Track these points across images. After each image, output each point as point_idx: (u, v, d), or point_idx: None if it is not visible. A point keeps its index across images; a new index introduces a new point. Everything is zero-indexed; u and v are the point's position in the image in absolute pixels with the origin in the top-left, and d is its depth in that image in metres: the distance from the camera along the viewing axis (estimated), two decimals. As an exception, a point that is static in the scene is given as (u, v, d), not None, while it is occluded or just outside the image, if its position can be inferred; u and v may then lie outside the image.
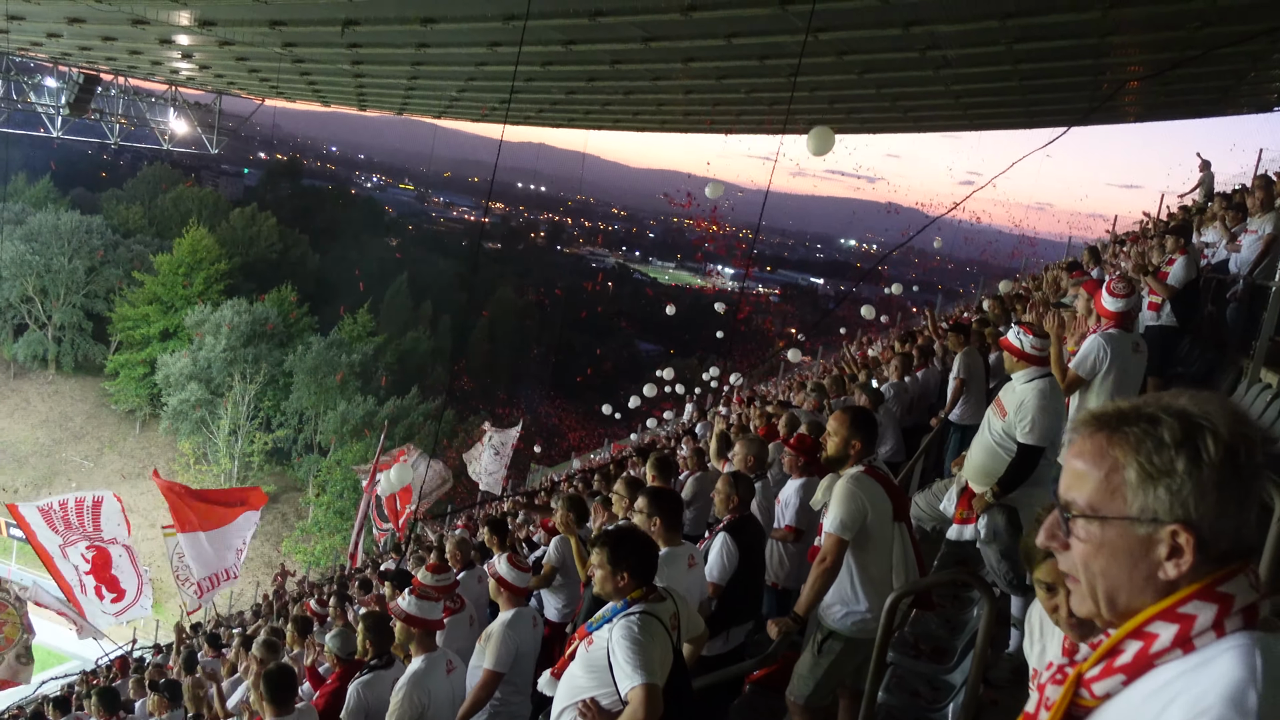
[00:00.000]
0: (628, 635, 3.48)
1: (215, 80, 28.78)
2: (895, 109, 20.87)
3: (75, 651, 34.27)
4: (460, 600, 6.55)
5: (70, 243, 59.65)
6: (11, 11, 17.21)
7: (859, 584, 4.45)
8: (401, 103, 28.42)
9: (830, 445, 4.55)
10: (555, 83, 19.93)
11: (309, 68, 21.55)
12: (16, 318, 59.86)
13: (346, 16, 14.81)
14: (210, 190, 77.38)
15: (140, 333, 58.99)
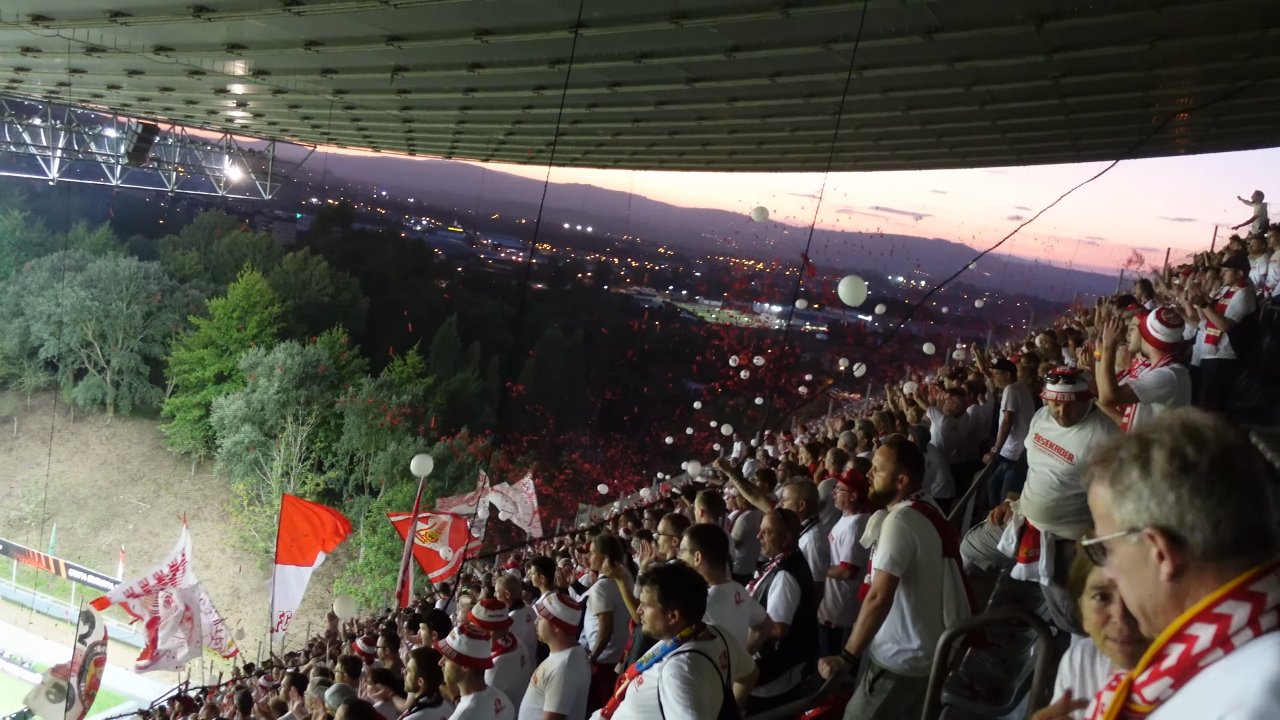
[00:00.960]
0: (678, 674, 3.46)
1: (269, 128, 29.40)
2: (941, 144, 20.82)
3: (130, 691, 34.68)
4: (512, 639, 6.54)
5: (128, 288, 61.00)
6: (74, 65, 17.72)
7: (910, 621, 4.39)
8: (450, 146, 28.82)
9: (877, 480, 4.51)
10: (601, 124, 20.12)
11: (359, 114, 21.93)
12: (77, 362, 61.16)
13: (396, 63, 15.08)
14: (264, 235, 78.83)
15: (195, 376, 60.02)
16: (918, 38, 11.13)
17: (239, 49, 14.77)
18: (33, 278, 62.08)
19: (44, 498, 53.22)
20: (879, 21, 10.17)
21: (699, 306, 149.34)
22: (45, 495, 52.86)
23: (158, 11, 12.69)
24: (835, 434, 15.42)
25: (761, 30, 11.57)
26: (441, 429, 56.72)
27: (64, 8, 13.15)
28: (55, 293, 59.63)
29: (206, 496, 57.48)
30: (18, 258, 65.56)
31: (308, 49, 13.97)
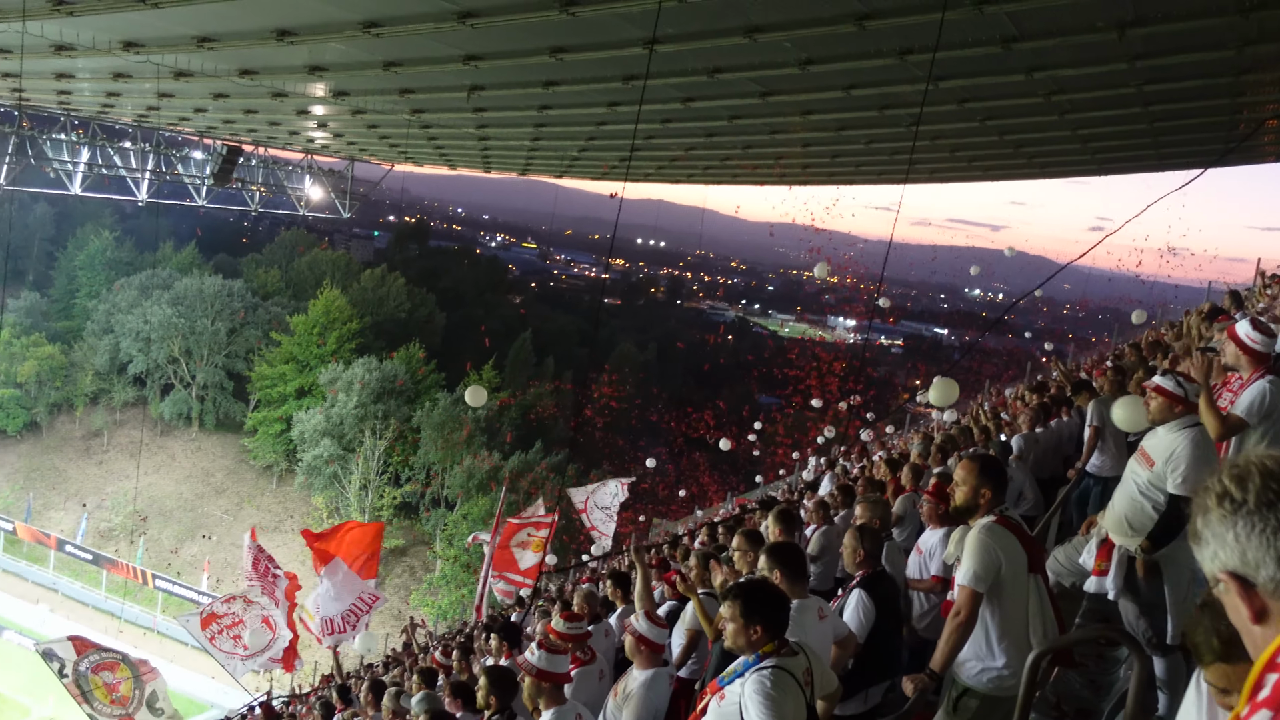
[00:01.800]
0: (760, 690, 3.44)
1: (348, 147, 29.99)
2: (1019, 155, 20.51)
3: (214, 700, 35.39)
4: (591, 652, 6.54)
5: (213, 306, 62.64)
6: (162, 89, 18.27)
7: (994, 639, 4.29)
8: (524, 163, 29.12)
9: (958, 495, 4.43)
10: (674, 139, 20.18)
11: (436, 132, 22.27)
12: (164, 378, 62.87)
13: (472, 82, 15.29)
14: (343, 253, 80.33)
15: (277, 391, 61.32)
16: (995, 47, 10.99)
17: (320, 71, 15.12)
18: (122, 296, 64.01)
19: (132, 509, 54.76)
20: (955, 32, 10.05)
21: (771, 320, 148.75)
22: (134, 507, 54.38)
23: (242, 36, 13.05)
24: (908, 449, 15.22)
25: (835, 43, 11.52)
26: (517, 443, 57.14)
27: (153, 34, 13.57)
28: (144, 310, 61.47)
29: (287, 509, 58.63)
30: (108, 277, 67.71)
31: (386, 70, 14.24)
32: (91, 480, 59.79)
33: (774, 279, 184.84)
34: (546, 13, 10.60)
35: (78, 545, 52.87)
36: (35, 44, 13.81)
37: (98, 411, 63.07)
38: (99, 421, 62.71)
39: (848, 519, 8.39)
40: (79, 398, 62.59)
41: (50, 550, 52.46)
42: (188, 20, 12.55)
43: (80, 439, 62.41)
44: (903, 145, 18.25)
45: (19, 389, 60.47)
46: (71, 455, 61.49)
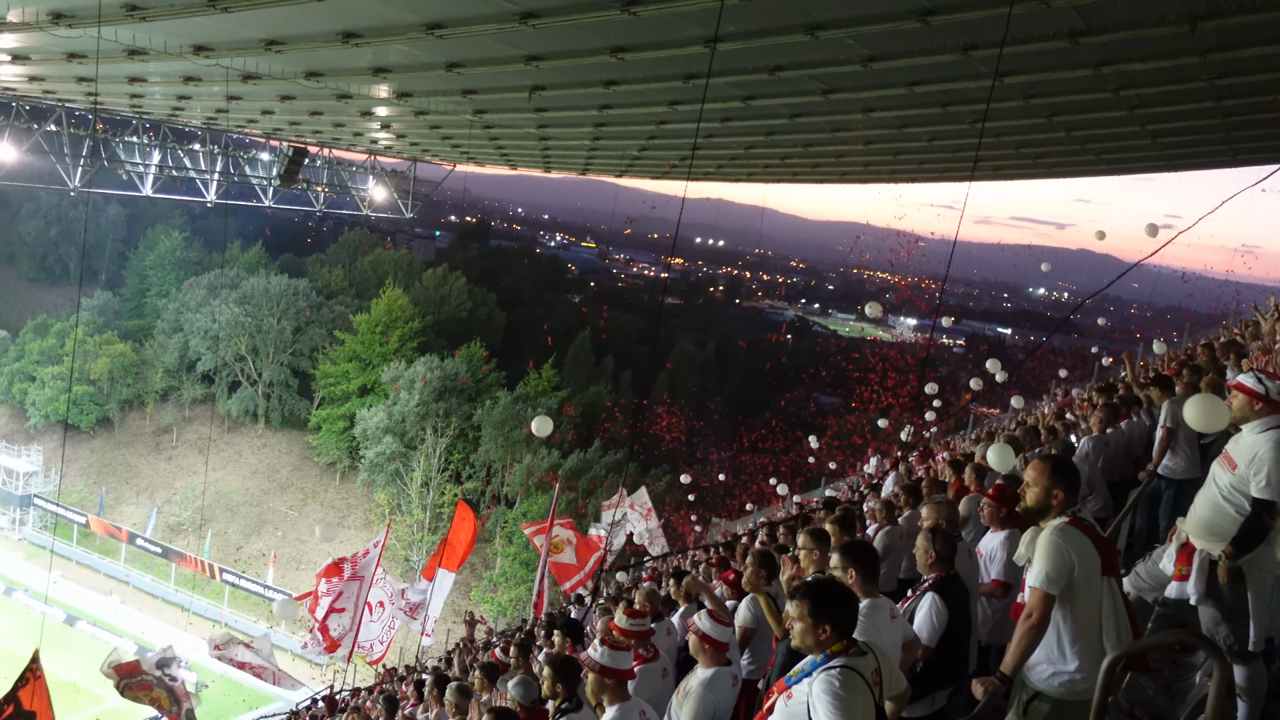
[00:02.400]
0: (829, 690, 3.41)
1: (410, 148, 30.31)
2: (1086, 151, 20.13)
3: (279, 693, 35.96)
4: (654, 649, 6.54)
5: (279, 305, 63.70)
6: (231, 92, 18.62)
7: (1067, 643, 4.21)
8: (584, 163, 29.20)
9: (1029, 496, 4.35)
10: (734, 138, 20.10)
11: (498, 133, 22.42)
12: (231, 375, 64.09)
13: (534, 82, 15.35)
14: (405, 253, 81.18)
15: (341, 389, 62.18)
16: (1063, 42, 10.80)
17: (384, 72, 15.29)
18: (192, 295, 65.36)
19: (200, 504, 55.91)
20: (1021, 26, 9.88)
21: (832, 320, 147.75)
22: (202, 502, 55.52)
23: (309, 39, 13.25)
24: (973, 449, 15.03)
25: (898, 39, 11.39)
26: (576, 442, 57.36)
27: (222, 38, 13.82)
28: (212, 309, 62.72)
29: (350, 505, 59.44)
30: (178, 276, 69.21)
31: (449, 71, 14.36)
32: (161, 475, 61.11)
33: (834, 278, 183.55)
34: (607, 12, 10.62)
35: (148, 539, 54.11)
36: (109, 49, 14.13)
37: (167, 408, 64.46)
38: (169, 418, 64.10)
39: (912, 519, 8.31)
40: (149, 395, 64.02)
41: (121, 543, 53.76)
42: (256, 23, 12.76)
43: (151, 435, 63.81)
44: (967, 142, 18.01)
45: (92, 386, 62.00)
46: (142, 451, 62.91)
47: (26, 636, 37.39)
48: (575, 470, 52.80)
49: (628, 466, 52.79)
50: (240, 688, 38.76)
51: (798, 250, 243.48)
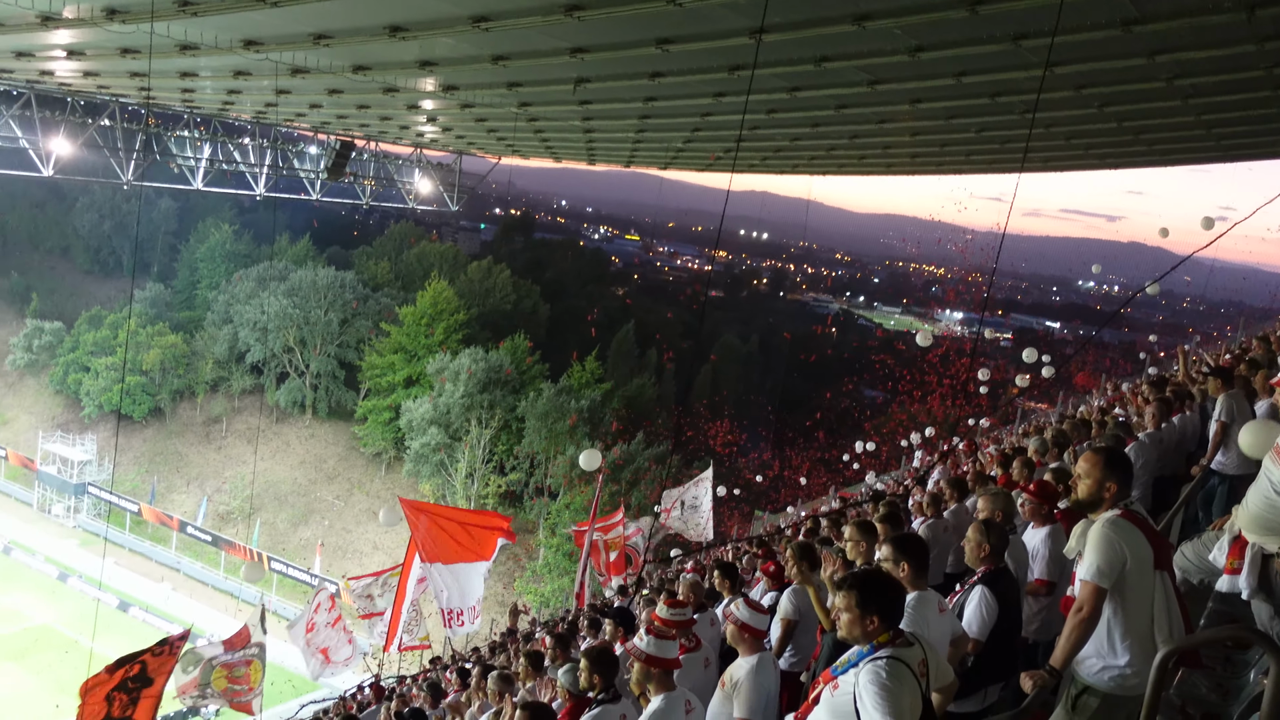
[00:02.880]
0: (875, 680, 3.39)
1: (456, 141, 30.49)
2: (1139, 142, 19.82)
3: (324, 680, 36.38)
4: (696, 639, 6.56)
5: (326, 297, 64.36)
6: (280, 86, 18.85)
7: (1117, 637, 4.16)
8: (629, 155, 29.22)
9: (1081, 488, 4.29)
10: (780, 130, 20.01)
11: (542, 125, 22.49)
12: (279, 366, 64.86)
13: (578, 75, 15.39)
14: (450, 245, 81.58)
15: (386, 380, 62.72)
16: (1115, 30, 10.64)
17: (430, 65, 15.39)
18: (241, 287, 66.22)
19: (249, 494, 56.71)
20: (1072, 15, 9.75)
21: (877, 313, 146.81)
22: (251, 491, 56.31)
23: (356, 33, 13.38)
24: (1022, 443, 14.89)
25: (947, 29, 11.29)
26: (620, 434, 57.46)
27: (272, 32, 14.00)
28: (261, 301, 63.51)
29: (395, 495, 59.92)
30: (228, 269, 70.16)
31: (495, 63, 14.43)
32: (211, 465, 62.03)
33: (880, 271, 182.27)
34: (653, 4, 10.61)
35: (198, 527, 55.01)
36: (162, 44, 14.35)
37: (217, 399, 65.39)
38: (218, 408, 65.02)
39: (958, 513, 8.25)
40: (200, 385, 64.96)
41: (173, 531, 54.68)
42: (305, 18, 12.91)
43: (201, 425, 64.77)
44: (1016, 133, 17.82)
45: (144, 376, 63.02)
46: (193, 440, 63.87)
47: (82, 621, 38.21)
48: (620, 462, 52.90)
49: (670, 459, 52.79)
50: (288, 674, 39.30)
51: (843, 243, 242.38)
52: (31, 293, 70.73)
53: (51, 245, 75.51)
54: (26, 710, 35.72)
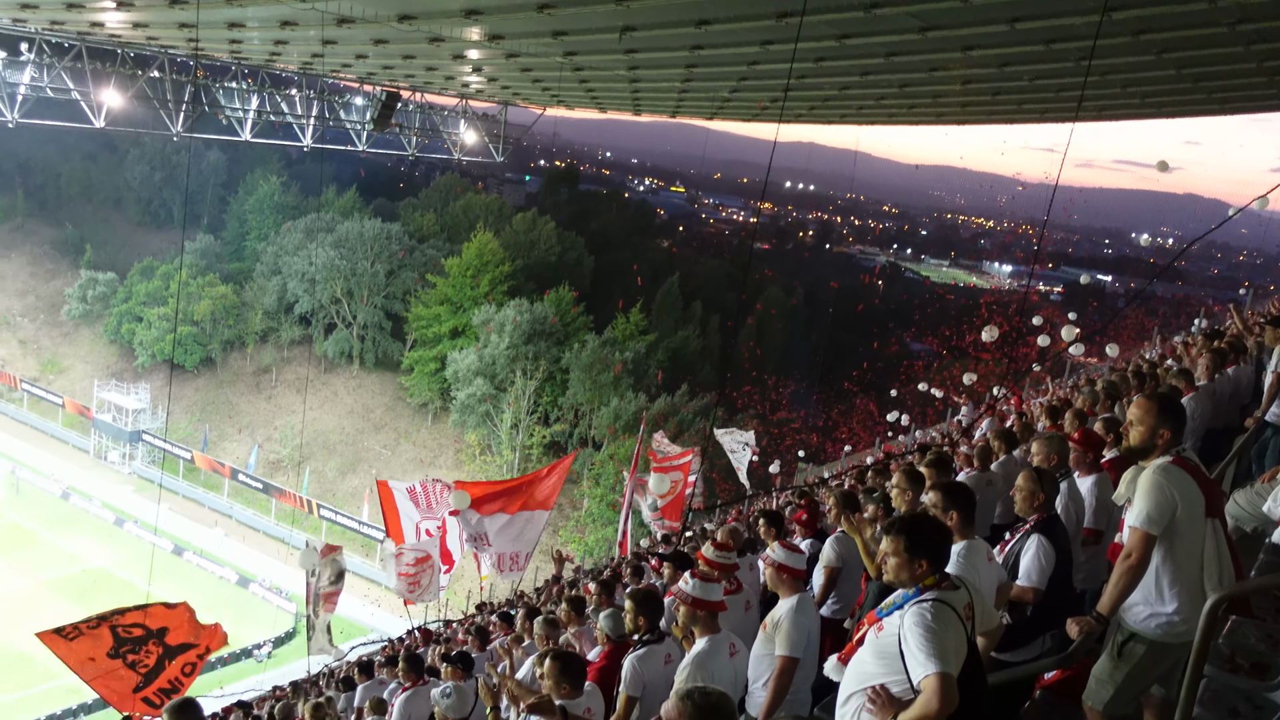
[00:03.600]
0: (921, 623, 3.40)
1: (501, 92, 30.38)
2: (1198, 90, 19.30)
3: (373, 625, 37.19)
4: (738, 582, 6.60)
5: (373, 248, 64.78)
6: (326, 36, 18.85)
7: (1166, 584, 4.13)
8: (675, 105, 28.96)
9: (1133, 435, 4.24)
10: (828, 79, 19.73)
11: (588, 75, 22.34)
12: (327, 317, 65.52)
13: (624, 23, 15.23)
14: (495, 197, 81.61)
15: (432, 331, 63.17)
16: (1177, -27, 10.36)
17: (475, 14, 15.32)
18: (289, 238, 66.83)
19: (299, 442, 57.61)
20: (1133, -43, 9.50)
21: (924, 266, 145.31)
22: (300, 440, 57.21)
23: (402, -21, 13.34)
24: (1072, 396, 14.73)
25: (1002, -28, 11.06)
26: (664, 386, 57.57)
27: (319, -19, 14.00)
28: (309, 253, 64.07)
29: (441, 445, 60.66)
30: (276, 220, 70.80)
31: (540, 12, 14.32)
32: (261, 414, 63.04)
33: (928, 223, 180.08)
34: (702, -51, 10.48)
35: (249, 474, 56.01)
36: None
37: (267, 349, 66.29)
38: (268, 358, 65.93)
39: (1006, 465, 8.19)
40: (250, 335, 65.87)
41: (225, 479, 55.78)
42: (352, -34, 12.89)
43: (251, 375, 65.76)
44: (1070, 81, 17.41)
45: (196, 326, 64.01)
46: (243, 390, 64.91)
47: (137, 565, 39.19)
48: (662, 414, 53.06)
49: (714, 411, 52.85)
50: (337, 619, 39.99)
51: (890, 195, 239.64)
52: (85, 244, 71.91)
53: (104, 197, 76.57)
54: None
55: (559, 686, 5.38)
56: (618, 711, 5.59)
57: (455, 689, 7.27)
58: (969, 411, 24.59)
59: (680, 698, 3.08)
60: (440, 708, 7.18)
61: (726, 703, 3.13)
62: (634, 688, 5.56)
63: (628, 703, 5.55)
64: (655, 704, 5.35)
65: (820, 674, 4.53)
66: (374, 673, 12.83)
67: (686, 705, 3.04)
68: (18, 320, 68.33)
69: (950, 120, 28.46)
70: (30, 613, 39.09)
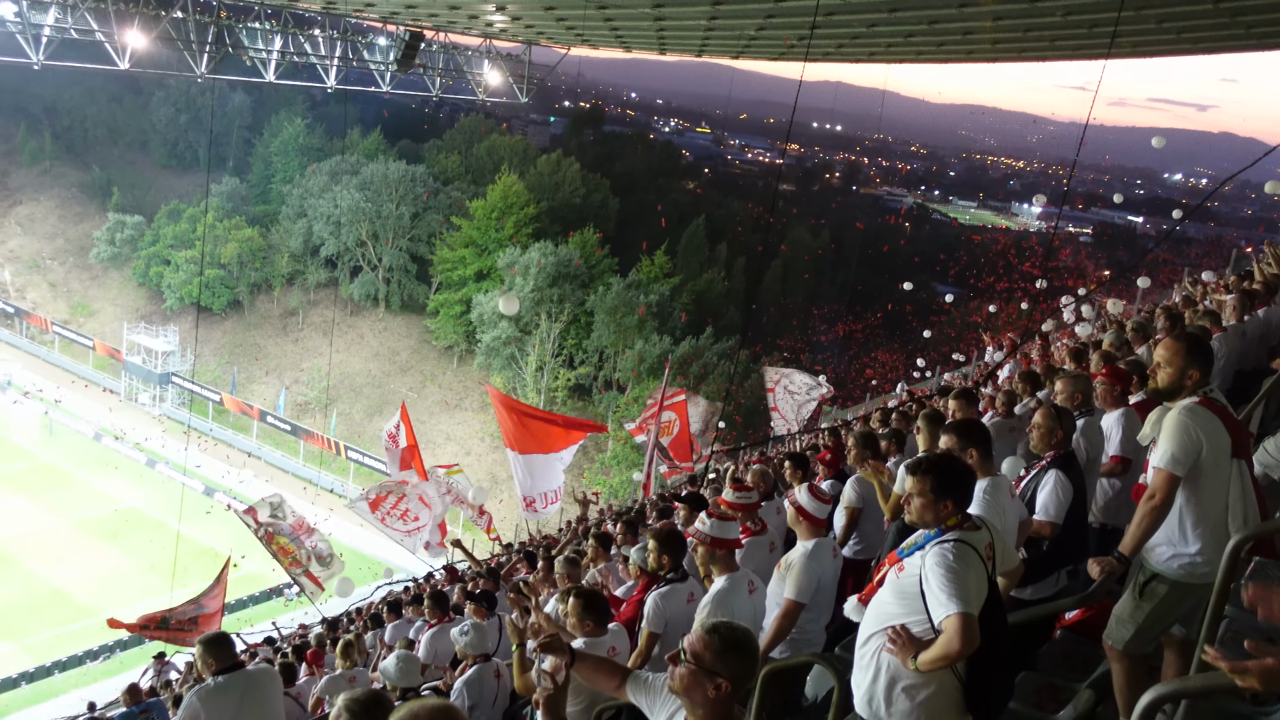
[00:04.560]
0: (942, 563, 3.41)
1: (525, 31, 30.06)
2: (1236, 25, 18.82)
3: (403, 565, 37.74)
4: (762, 523, 6.63)
5: (397, 190, 64.65)
6: (350, -27, 18.72)
7: (1189, 525, 4.13)
8: (700, 44, 28.57)
9: (1161, 376, 4.20)
10: (856, 15, 19.41)
11: (612, 13, 22.07)
12: (353, 260, 65.71)
13: (650, -42, 15.03)
14: (520, 138, 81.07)
15: (458, 274, 63.19)
16: (1216, -98, 10.08)
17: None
18: (314, 181, 66.78)
19: (326, 385, 58.11)
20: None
21: (952, 207, 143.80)
22: (327, 382, 57.69)
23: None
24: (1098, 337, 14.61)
25: (1036, -97, 10.79)
26: (689, 328, 57.50)
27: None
28: (334, 195, 64.08)
29: (467, 388, 61.02)
30: (301, 163, 70.72)
31: (564, -53, 14.13)
32: (289, 356, 63.55)
33: (956, 164, 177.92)
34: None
35: (277, 416, 56.62)
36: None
37: (293, 292, 66.61)
38: (295, 301, 66.28)
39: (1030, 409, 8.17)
40: (276, 278, 66.19)
41: (253, 420, 56.42)
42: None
43: (278, 317, 66.19)
44: (1104, 16, 17.03)
45: (223, 269, 64.35)
46: (270, 333, 65.38)
47: (168, 505, 39.80)
48: (686, 357, 53.03)
49: (738, 355, 52.81)
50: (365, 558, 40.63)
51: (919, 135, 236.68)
52: (112, 187, 72.11)
53: (130, 140, 76.70)
54: (120, 585, 37.55)
55: (582, 624, 5.44)
56: (639, 647, 5.66)
57: (475, 626, 7.37)
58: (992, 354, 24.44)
59: (706, 631, 3.11)
60: (460, 645, 7.29)
61: (750, 638, 3.16)
62: (656, 624, 5.62)
63: (649, 639, 5.62)
64: (676, 643, 5.41)
65: (840, 615, 4.56)
66: (402, 611, 13.03)
67: (713, 639, 3.08)
68: (47, 263, 68.86)
69: (980, 58, 27.96)
70: (64, 552, 40.02)
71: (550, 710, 3.71)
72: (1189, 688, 3.15)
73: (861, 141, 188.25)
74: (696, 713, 3.12)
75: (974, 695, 3.56)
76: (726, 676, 3.04)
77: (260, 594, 38.39)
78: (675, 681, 3.13)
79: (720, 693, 3.04)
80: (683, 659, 3.10)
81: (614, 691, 3.75)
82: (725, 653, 3.06)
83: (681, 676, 3.10)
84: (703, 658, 3.06)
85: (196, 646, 6.25)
